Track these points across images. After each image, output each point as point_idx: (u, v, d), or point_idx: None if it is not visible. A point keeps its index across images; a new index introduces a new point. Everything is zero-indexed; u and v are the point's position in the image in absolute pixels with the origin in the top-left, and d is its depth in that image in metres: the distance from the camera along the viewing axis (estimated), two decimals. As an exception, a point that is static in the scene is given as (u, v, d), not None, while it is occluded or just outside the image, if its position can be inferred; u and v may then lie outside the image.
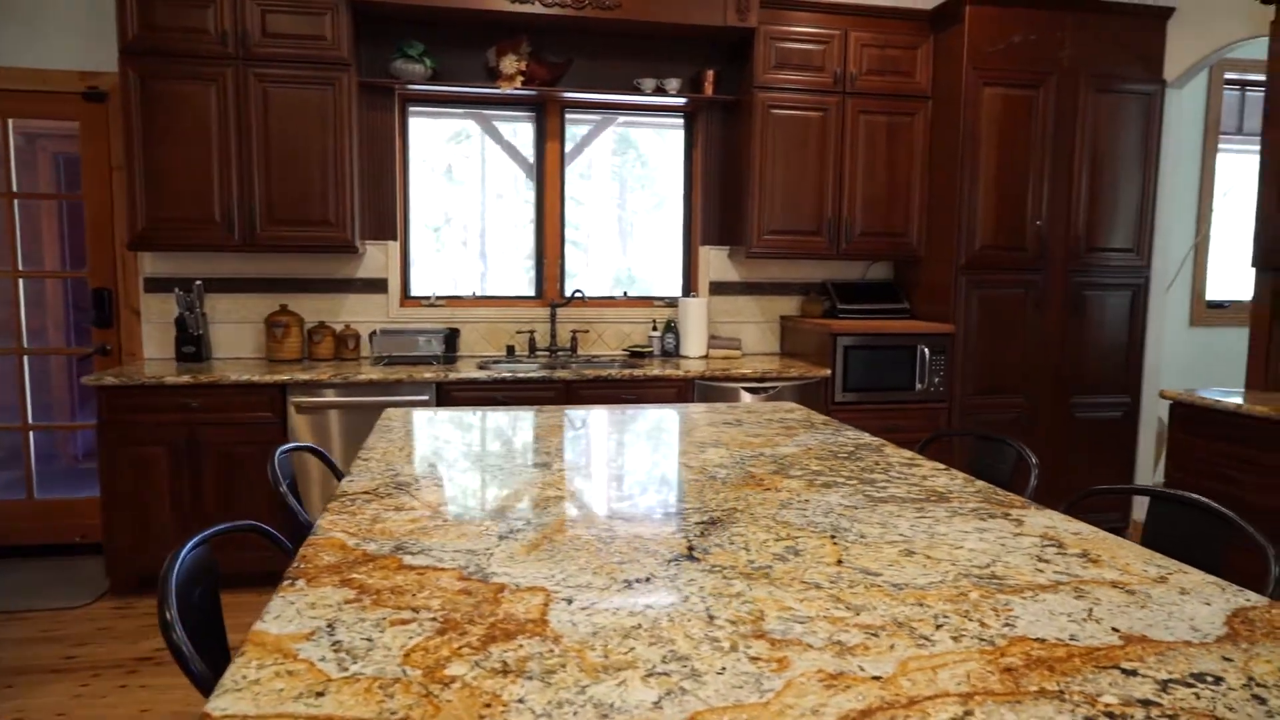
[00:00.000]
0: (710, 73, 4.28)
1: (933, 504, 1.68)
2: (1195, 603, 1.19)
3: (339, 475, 2.18)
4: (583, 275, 4.58)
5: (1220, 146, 4.99)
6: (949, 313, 4.14)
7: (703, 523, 1.54)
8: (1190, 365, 4.99)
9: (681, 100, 4.34)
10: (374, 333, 4.03)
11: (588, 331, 4.43)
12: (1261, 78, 5.04)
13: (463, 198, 4.47)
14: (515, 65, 4.04)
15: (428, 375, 3.63)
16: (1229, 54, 4.12)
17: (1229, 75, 4.97)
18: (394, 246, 4.21)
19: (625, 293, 4.57)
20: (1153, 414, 4.41)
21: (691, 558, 1.35)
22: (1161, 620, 1.13)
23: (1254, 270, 3.40)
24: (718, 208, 4.54)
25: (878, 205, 4.31)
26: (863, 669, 0.98)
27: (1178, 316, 5.00)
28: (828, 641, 1.05)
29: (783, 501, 1.68)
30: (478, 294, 4.43)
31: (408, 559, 1.33)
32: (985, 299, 4.15)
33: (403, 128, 4.26)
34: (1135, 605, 1.18)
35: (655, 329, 4.45)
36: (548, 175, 4.43)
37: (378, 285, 4.21)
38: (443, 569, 1.29)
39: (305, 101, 3.72)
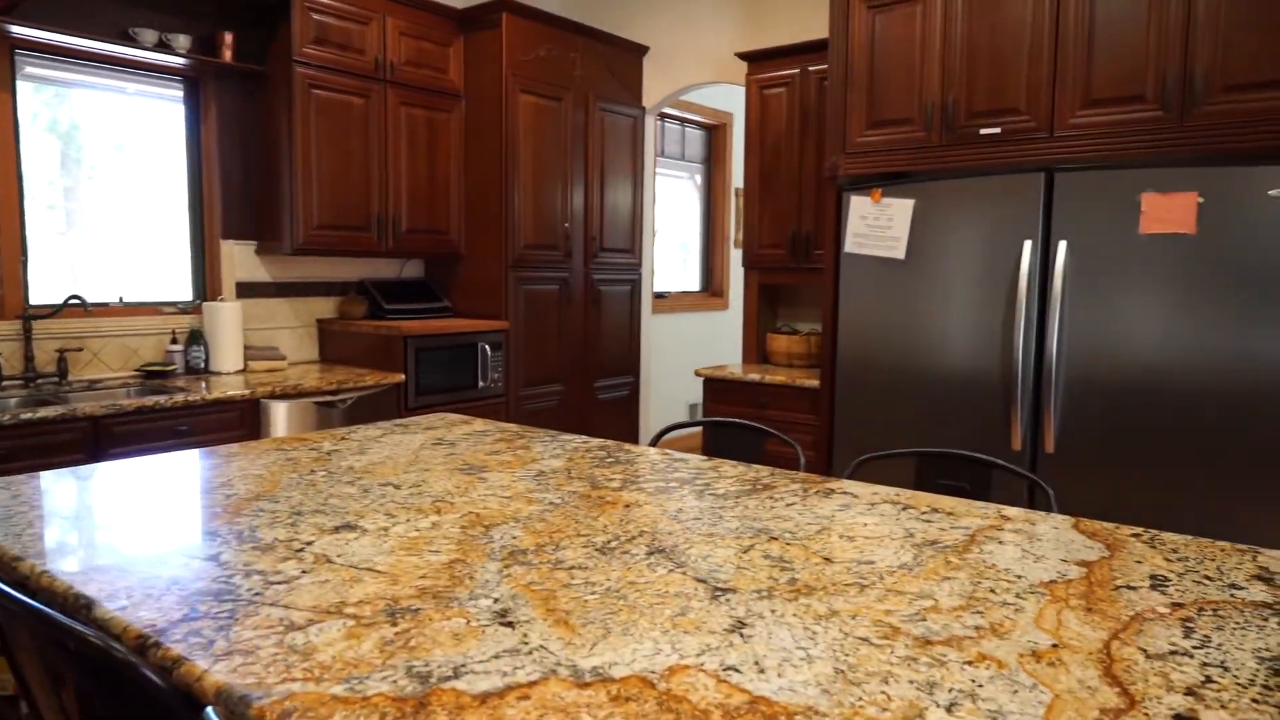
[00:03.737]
0: (229, 35, 3.61)
1: (769, 491, 1.83)
2: (1051, 530, 1.59)
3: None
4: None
5: (659, 170, 6.08)
6: (500, 310, 4.27)
7: (653, 552, 1.43)
8: (653, 346, 6.00)
9: (184, 61, 3.57)
10: None
11: (80, 350, 3.36)
12: (675, 113, 6.28)
13: None
14: (-50, -23, 2.83)
15: None
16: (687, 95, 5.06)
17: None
18: None
19: (121, 298, 3.59)
20: (648, 389, 5.22)
21: (725, 589, 1.27)
22: (1066, 547, 1.49)
23: (743, 269, 4.30)
24: (240, 197, 3.86)
25: (422, 202, 4.20)
26: (1035, 641, 1.10)
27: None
28: (968, 629, 1.14)
29: (666, 514, 1.64)
30: (-117, 305, 3.00)
31: (464, 685, 0.97)
32: (530, 295, 4.39)
33: None
34: (1037, 539, 1.52)
35: (176, 341, 3.60)
36: (-5, 138, 3.21)
37: None
38: (533, 681, 0.98)
39: None
